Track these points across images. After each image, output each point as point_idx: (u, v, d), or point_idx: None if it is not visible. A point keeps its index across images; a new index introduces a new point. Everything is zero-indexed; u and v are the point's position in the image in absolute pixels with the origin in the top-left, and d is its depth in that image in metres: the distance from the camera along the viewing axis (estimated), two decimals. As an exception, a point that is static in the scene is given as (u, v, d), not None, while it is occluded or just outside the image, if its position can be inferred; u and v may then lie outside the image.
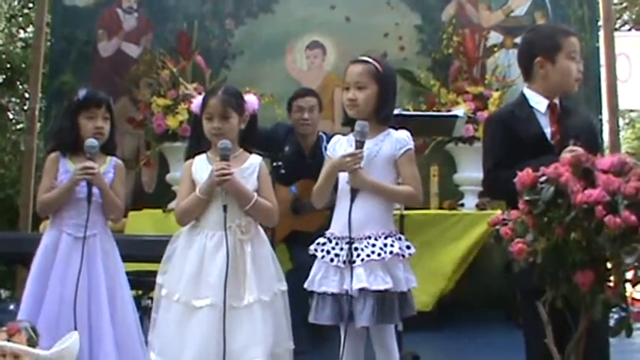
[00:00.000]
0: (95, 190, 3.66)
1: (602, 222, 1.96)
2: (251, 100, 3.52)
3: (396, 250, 3.16)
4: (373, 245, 3.15)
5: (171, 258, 3.39)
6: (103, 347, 3.58)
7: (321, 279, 3.21)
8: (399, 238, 3.25)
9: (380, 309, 3.11)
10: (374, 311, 3.10)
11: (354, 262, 3.12)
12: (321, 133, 5.35)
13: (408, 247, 3.25)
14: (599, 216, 1.96)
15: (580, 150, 2.56)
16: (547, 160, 2.60)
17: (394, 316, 3.18)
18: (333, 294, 3.18)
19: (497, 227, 2.29)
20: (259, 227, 3.43)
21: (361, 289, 3.09)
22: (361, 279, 3.09)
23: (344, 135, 3.42)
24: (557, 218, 2.06)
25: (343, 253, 3.17)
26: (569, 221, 2.03)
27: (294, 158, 5.13)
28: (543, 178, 2.15)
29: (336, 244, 3.22)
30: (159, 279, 3.39)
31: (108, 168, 3.81)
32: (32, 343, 2.96)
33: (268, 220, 3.52)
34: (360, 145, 3.19)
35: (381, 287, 3.10)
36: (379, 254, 3.13)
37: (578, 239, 2.02)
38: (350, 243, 3.15)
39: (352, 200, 3.17)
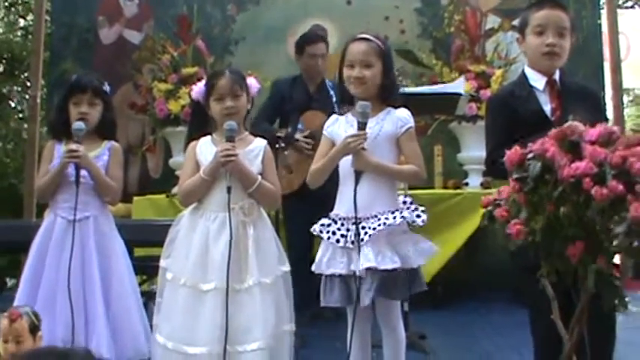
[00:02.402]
0: (85, 172, 3.70)
1: (590, 194, 1.95)
2: (252, 83, 3.53)
3: (399, 219, 3.14)
4: (379, 220, 3.14)
5: (175, 241, 3.39)
6: (96, 329, 3.62)
7: (329, 261, 3.20)
8: (408, 208, 3.23)
9: (385, 286, 3.10)
10: (380, 289, 3.09)
11: (362, 240, 3.11)
12: (324, 77, 5.50)
13: (418, 217, 3.23)
14: (586, 188, 1.95)
15: (579, 125, 2.56)
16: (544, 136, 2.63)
17: (400, 292, 3.19)
18: (341, 275, 3.17)
19: (490, 208, 2.28)
20: (262, 210, 3.43)
21: (368, 269, 3.07)
22: (369, 258, 3.07)
23: (341, 114, 3.41)
24: (546, 194, 2.05)
25: (350, 233, 3.15)
26: (558, 196, 2.01)
27: (302, 98, 5.33)
28: (530, 155, 2.14)
29: (342, 224, 3.20)
30: (162, 262, 3.39)
31: (103, 151, 3.86)
32: (34, 328, 2.98)
33: (271, 203, 3.53)
34: (362, 126, 3.17)
35: (389, 267, 3.09)
36: (384, 223, 3.11)
37: (569, 214, 2.01)
38: (357, 223, 3.12)
39: (357, 182, 3.15)
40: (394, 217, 3.14)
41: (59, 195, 3.75)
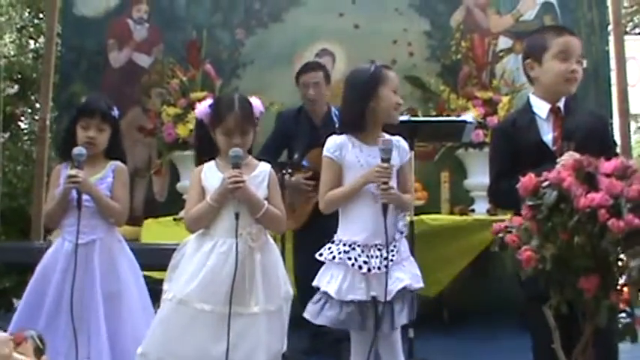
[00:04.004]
0: (87, 196, 3.72)
1: (605, 226, 1.96)
2: (257, 104, 3.51)
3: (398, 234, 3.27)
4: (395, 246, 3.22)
5: (178, 264, 3.38)
6: (98, 351, 3.62)
7: (349, 288, 3.18)
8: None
9: (411, 307, 3.22)
10: (408, 309, 3.19)
11: (386, 266, 3.15)
12: (331, 105, 5.41)
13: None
14: (602, 220, 1.96)
15: (575, 154, 2.59)
16: (545, 168, 2.66)
17: (414, 314, 3.27)
18: (360, 302, 3.17)
19: (501, 235, 2.30)
20: (268, 235, 3.43)
21: (398, 291, 3.15)
22: (402, 278, 3.17)
23: (339, 134, 3.41)
24: (560, 223, 2.06)
25: (375, 260, 3.17)
26: (573, 226, 2.02)
27: (307, 133, 5.25)
28: (546, 183, 2.15)
29: (362, 251, 3.20)
30: (165, 285, 3.38)
31: (107, 173, 3.88)
32: (39, 352, 2.98)
33: (277, 227, 3.53)
34: (387, 160, 3.20)
35: (418, 285, 3.25)
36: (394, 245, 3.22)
37: (582, 244, 2.02)
38: (387, 252, 3.16)
39: (385, 215, 3.18)
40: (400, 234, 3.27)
41: (66, 219, 3.77)
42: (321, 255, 3.28)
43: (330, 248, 3.27)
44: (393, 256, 3.18)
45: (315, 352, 5.08)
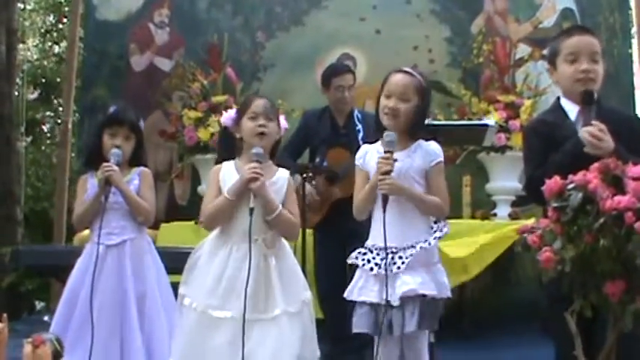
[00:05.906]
0: (120, 198, 3.78)
1: (632, 228, 1.94)
2: (282, 122, 3.54)
3: (432, 241, 3.17)
4: (414, 248, 3.14)
5: (194, 268, 3.37)
6: (132, 354, 3.66)
7: (361, 288, 3.20)
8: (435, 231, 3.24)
9: (424, 314, 3.12)
10: (421, 316, 3.10)
11: (398, 268, 3.11)
12: (354, 108, 5.40)
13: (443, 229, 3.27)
14: (629, 222, 1.94)
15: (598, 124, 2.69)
16: (570, 144, 2.80)
17: (436, 322, 3.20)
18: (371, 304, 3.16)
19: (526, 235, 2.28)
20: (283, 240, 3.42)
21: (407, 297, 3.08)
22: (407, 282, 3.09)
23: (371, 143, 3.41)
24: (585, 225, 2.04)
25: (384, 262, 3.14)
26: (598, 228, 2.01)
27: (329, 132, 5.26)
28: (571, 185, 2.13)
29: (377, 254, 3.19)
30: (181, 289, 3.38)
31: (133, 176, 3.92)
32: (57, 355, 3.00)
33: (290, 234, 3.48)
34: (389, 152, 3.16)
35: (428, 292, 3.10)
36: (421, 247, 3.13)
37: (608, 247, 2.01)
38: (386, 249, 3.11)
39: (384, 207, 3.12)
40: (428, 243, 3.16)
41: (96, 222, 3.78)
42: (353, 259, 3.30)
43: (357, 253, 3.28)
44: (406, 258, 3.12)
45: (338, 357, 5.06)
